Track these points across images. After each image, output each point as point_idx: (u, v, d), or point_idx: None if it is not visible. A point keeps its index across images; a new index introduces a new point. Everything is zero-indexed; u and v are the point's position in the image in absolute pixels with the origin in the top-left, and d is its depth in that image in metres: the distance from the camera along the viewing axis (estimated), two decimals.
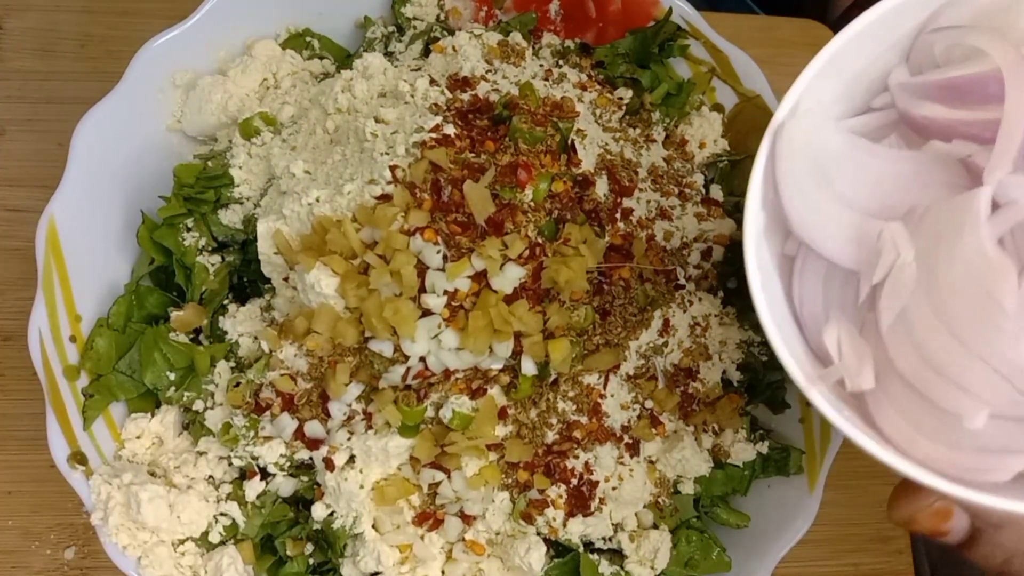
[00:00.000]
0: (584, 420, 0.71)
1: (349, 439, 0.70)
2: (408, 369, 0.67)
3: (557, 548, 0.73)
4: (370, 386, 0.70)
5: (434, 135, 0.69)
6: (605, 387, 0.72)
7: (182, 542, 0.72)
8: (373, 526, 0.71)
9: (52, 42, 0.97)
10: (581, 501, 0.71)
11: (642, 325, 0.73)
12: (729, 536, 0.78)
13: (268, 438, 0.71)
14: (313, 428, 0.71)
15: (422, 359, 0.67)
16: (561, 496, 0.71)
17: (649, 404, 0.74)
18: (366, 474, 0.70)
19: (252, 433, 0.71)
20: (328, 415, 0.71)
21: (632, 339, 0.73)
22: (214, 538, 0.73)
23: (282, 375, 0.70)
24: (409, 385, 0.69)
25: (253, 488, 0.72)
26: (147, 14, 0.98)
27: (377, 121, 0.72)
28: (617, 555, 0.75)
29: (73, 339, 0.74)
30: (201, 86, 0.81)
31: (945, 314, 0.46)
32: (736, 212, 0.82)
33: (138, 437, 0.74)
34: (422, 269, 0.66)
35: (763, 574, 0.74)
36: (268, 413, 0.71)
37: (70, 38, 0.98)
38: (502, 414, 0.70)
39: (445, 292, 0.66)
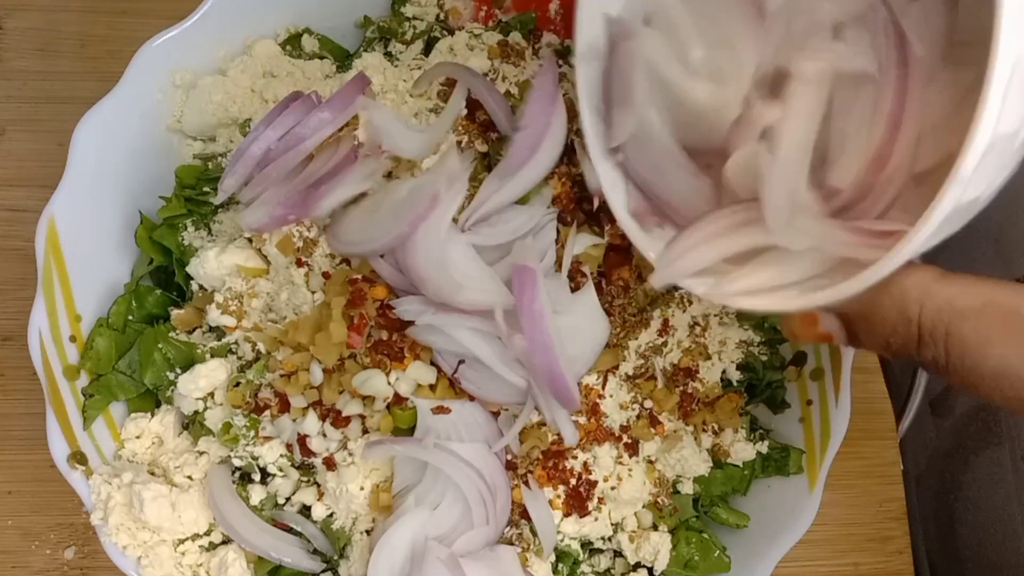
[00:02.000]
0: (583, 420, 0.71)
1: (346, 446, 0.70)
2: None
3: (559, 555, 0.73)
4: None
5: None
6: (604, 387, 0.72)
7: (183, 542, 0.72)
8: (369, 531, 0.71)
9: (52, 42, 0.97)
10: (579, 501, 0.71)
11: (641, 325, 0.73)
12: (729, 536, 0.78)
13: (268, 438, 0.71)
14: (314, 442, 0.71)
15: None
16: (559, 496, 0.71)
17: (648, 404, 0.74)
18: (365, 476, 0.70)
19: (252, 433, 0.71)
20: (327, 415, 0.71)
21: (631, 339, 0.73)
22: (216, 538, 0.73)
23: (281, 376, 0.70)
24: None
25: (256, 493, 0.72)
26: (147, 14, 0.98)
27: None
28: (617, 556, 0.75)
29: (73, 339, 0.74)
30: (201, 86, 0.81)
31: None
32: None
33: (138, 437, 0.74)
34: None
35: (763, 574, 0.74)
36: (267, 413, 0.71)
37: (70, 38, 0.98)
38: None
39: None
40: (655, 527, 0.75)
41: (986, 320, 0.43)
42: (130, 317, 0.77)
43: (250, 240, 0.74)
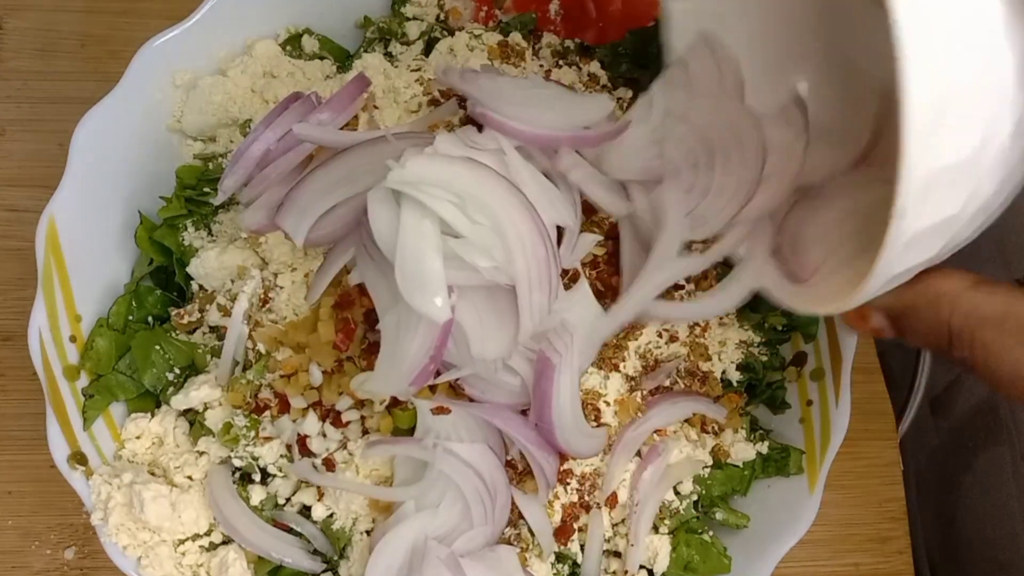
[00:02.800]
0: None
1: (346, 447, 0.70)
2: None
3: (559, 556, 0.73)
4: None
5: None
6: (605, 387, 0.72)
7: (183, 542, 0.72)
8: (368, 531, 0.71)
9: (52, 42, 0.97)
10: (580, 502, 0.71)
11: (641, 325, 0.73)
12: (729, 536, 0.78)
13: (268, 438, 0.71)
14: (314, 442, 0.71)
15: None
16: (558, 497, 0.71)
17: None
18: (365, 476, 0.70)
19: (253, 433, 0.71)
20: (327, 415, 0.71)
21: (631, 340, 0.73)
22: (216, 538, 0.73)
23: (281, 377, 0.70)
24: None
25: (256, 493, 0.72)
26: (147, 14, 0.98)
27: None
28: (616, 556, 0.75)
29: (73, 339, 0.74)
30: (201, 86, 0.81)
31: None
32: None
33: (138, 437, 0.74)
34: None
35: (763, 575, 0.74)
36: (267, 413, 0.71)
37: (70, 38, 0.98)
38: None
39: None
40: (655, 529, 0.75)
41: (1006, 328, 0.48)
42: (130, 317, 0.77)
43: (247, 241, 0.74)
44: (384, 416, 0.69)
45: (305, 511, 0.73)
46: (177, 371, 0.75)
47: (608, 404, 0.72)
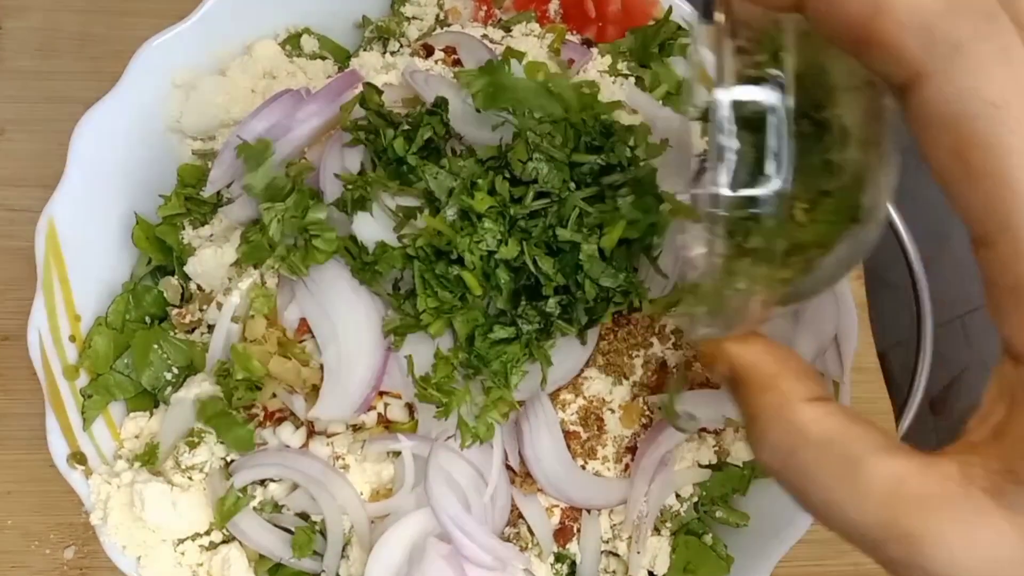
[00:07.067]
0: (583, 432, 0.71)
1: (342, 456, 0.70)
2: None
3: (558, 556, 0.73)
4: None
5: None
6: (611, 394, 0.72)
7: (182, 541, 0.72)
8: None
9: (52, 42, 0.97)
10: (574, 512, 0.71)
11: (650, 341, 0.73)
12: (729, 535, 0.77)
13: (263, 444, 0.71)
14: (312, 445, 0.70)
15: None
16: (559, 505, 0.71)
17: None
18: (364, 481, 0.70)
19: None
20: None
21: (642, 348, 0.73)
22: (216, 537, 0.73)
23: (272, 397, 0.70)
24: None
25: (256, 494, 0.72)
26: (147, 14, 0.98)
27: None
28: (616, 556, 0.75)
29: (73, 339, 0.74)
30: (202, 87, 0.80)
31: None
32: None
33: (136, 436, 0.74)
34: None
35: (763, 574, 0.74)
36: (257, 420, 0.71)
37: (70, 38, 0.98)
38: None
39: None
40: (656, 531, 0.75)
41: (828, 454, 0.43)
42: (128, 316, 0.77)
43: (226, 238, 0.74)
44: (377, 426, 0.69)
45: (303, 514, 0.73)
46: (176, 370, 0.75)
47: (613, 411, 0.72)
